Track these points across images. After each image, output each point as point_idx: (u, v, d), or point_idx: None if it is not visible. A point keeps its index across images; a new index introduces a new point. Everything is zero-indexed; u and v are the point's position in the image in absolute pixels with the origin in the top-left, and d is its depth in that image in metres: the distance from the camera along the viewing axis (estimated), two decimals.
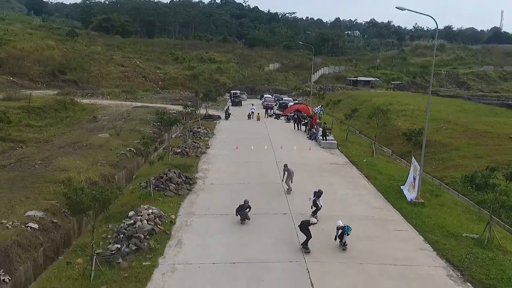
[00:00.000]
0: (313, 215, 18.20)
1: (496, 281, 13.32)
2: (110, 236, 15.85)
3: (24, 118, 35.95)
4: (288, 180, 22.21)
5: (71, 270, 13.65)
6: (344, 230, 15.65)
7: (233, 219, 18.00)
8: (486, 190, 16.26)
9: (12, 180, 20.80)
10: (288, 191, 21.86)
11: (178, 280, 13.25)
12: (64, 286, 12.64)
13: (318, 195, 18.64)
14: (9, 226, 15.82)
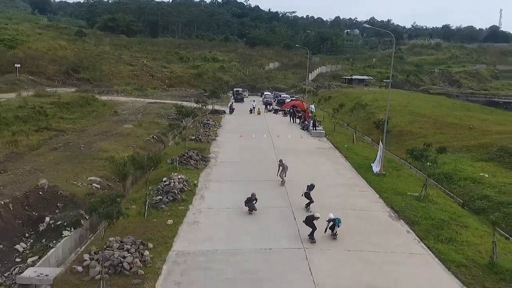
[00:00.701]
0: (306, 207, 20.73)
1: (420, 219, 19.82)
2: (152, 193, 22.30)
3: (57, 112, 42.52)
4: (282, 173, 24.88)
5: (129, 212, 20.14)
6: (335, 222, 17.45)
7: (239, 184, 24.57)
8: (421, 159, 22.79)
9: (68, 157, 27.34)
10: (282, 183, 24.65)
11: (204, 216, 19.82)
12: (128, 220, 19.07)
13: (311, 188, 20.81)
14: (80, 185, 22.41)
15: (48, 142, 32.31)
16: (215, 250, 16.47)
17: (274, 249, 16.54)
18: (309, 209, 20.47)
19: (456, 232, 18.40)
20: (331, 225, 17.49)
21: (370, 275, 14.72)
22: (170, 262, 15.53)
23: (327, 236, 17.70)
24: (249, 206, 20.33)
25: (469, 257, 16.24)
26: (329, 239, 17.66)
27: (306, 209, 20.66)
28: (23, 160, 27.11)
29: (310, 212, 19.45)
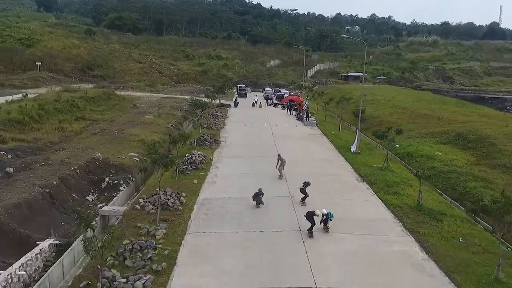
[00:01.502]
0: (302, 201, 22.97)
1: (377, 181, 27.41)
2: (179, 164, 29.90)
3: (87, 105, 50.18)
4: (280, 167, 27.30)
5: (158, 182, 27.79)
6: (327, 217, 19.46)
7: (244, 159, 32.23)
8: (383, 139, 30.44)
9: (108, 140, 34.97)
10: (280, 177, 27.37)
11: (219, 179, 27.53)
12: (163, 181, 26.65)
13: (306, 185, 23.03)
14: (124, 158, 30.09)
15: (87, 129, 40.05)
16: (228, 197, 24.18)
17: (268, 196, 24.14)
18: (305, 203, 22.88)
19: (402, 189, 26.04)
20: (324, 219, 19.56)
21: (338, 210, 22.24)
22: (199, 203, 23.24)
23: None
24: (256, 200, 22.53)
25: (405, 203, 23.88)
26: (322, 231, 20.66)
27: (302, 203, 22.96)
28: (72, 142, 34.83)
29: (305, 205, 22.51)
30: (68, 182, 25.48)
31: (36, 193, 22.66)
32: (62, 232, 21.03)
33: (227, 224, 20.68)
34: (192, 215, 21.75)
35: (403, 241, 19.54)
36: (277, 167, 27.72)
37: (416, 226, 20.87)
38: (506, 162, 30.60)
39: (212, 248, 18.20)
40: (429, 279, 16.43)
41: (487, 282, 16.04)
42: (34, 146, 32.19)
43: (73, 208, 22.64)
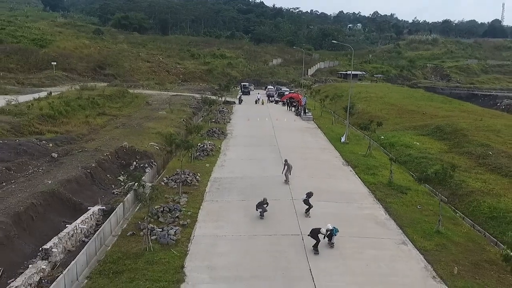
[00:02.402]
0: (306, 212, 23.14)
1: (360, 164, 33.17)
2: (193, 151, 35.73)
3: (105, 102, 56.03)
4: (287, 172, 28.03)
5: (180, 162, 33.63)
6: (332, 232, 19.44)
7: (248, 148, 38.03)
8: (366, 130, 36.18)
9: (130, 132, 40.79)
10: (285, 182, 28.21)
11: (227, 163, 33.39)
12: (185, 165, 32.38)
13: (309, 195, 23.11)
14: (146, 146, 35.94)
15: (109, 123, 45.95)
16: (235, 177, 30.01)
17: (268, 175, 29.91)
18: (309, 214, 23.08)
19: (379, 171, 31.78)
20: (329, 234, 19.52)
21: (324, 185, 27.96)
22: (211, 181, 29.10)
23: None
24: (261, 209, 22.72)
25: (379, 181, 29.63)
26: None
27: (306, 214, 23.10)
28: (99, 133, 40.71)
29: (309, 216, 22.93)
30: (103, 165, 31.33)
31: (80, 172, 28.48)
32: (103, 202, 26.86)
33: (234, 195, 26.53)
34: (206, 189, 27.59)
35: (372, 207, 25.33)
36: (284, 172, 28.44)
37: (385, 197, 26.65)
38: (472, 149, 36.27)
39: (223, 210, 24.05)
40: (387, 231, 22.20)
41: (430, 233, 21.76)
42: (69, 137, 38.12)
43: (127, 172, 28.40)
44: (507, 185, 28.52)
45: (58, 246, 19.75)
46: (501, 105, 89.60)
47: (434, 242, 20.76)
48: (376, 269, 18.18)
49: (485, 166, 32.68)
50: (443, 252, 19.79)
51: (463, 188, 28.18)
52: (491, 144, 36.91)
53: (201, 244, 20.06)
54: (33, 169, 29.40)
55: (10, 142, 33.08)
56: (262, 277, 17.26)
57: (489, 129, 41.90)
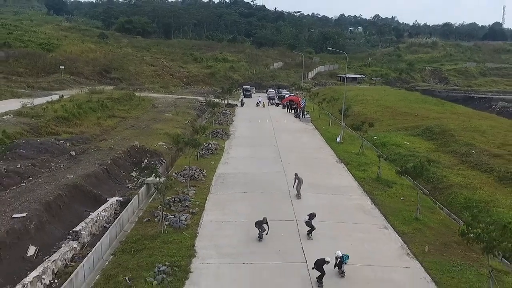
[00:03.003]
0: (308, 234, 22.01)
1: (352, 162, 36.43)
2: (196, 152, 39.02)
3: (114, 105, 59.35)
4: (298, 186, 27.63)
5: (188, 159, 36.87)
6: (342, 260, 18.10)
7: (249, 147, 41.29)
8: (358, 130, 39.42)
9: (139, 133, 44.06)
10: (297, 196, 27.74)
11: (230, 160, 36.71)
12: (192, 162, 35.56)
13: (312, 217, 21.90)
14: (156, 145, 39.23)
15: (119, 124, 49.29)
16: (238, 172, 33.28)
17: (267, 172, 33.10)
18: (311, 236, 22.05)
19: (369, 167, 35.00)
20: (338, 262, 18.10)
21: (318, 180, 31.15)
22: (216, 176, 32.36)
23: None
24: (260, 229, 21.73)
25: (369, 176, 32.85)
26: None
27: (308, 236, 22.02)
28: (110, 134, 44.01)
29: (311, 238, 21.89)
30: (117, 162, 34.62)
31: (97, 168, 31.74)
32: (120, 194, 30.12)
33: (237, 188, 29.79)
34: (212, 183, 30.86)
35: (360, 198, 28.56)
36: (295, 186, 27.93)
37: (372, 190, 29.87)
38: (457, 148, 39.48)
39: (228, 201, 27.32)
40: (372, 218, 25.41)
41: (409, 220, 24.94)
42: (84, 137, 41.45)
43: (145, 165, 31.73)
44: (485, 180, 31.74)
45: (85, 229, 23.04)
46: (496, 107, 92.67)
47: (412, 227, 23.95)
48: (360, 248, 21.36)
49: (467, 163, 35.88)
50: (418, 235, 22.98)
51: (444, 182, 31.41)
52: (475, 144, 40.11)
53: (209, 228, 23.30)
54: (55, 165, 32.75)
55: (32, 142, 36.44)
56: (259, 252, 20.50)
57: (475, 130, 45.10)
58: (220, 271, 18.97)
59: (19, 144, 35.60)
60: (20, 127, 40.38)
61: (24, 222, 21.68)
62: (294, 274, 18.89)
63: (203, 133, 36.74)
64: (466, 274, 19.06)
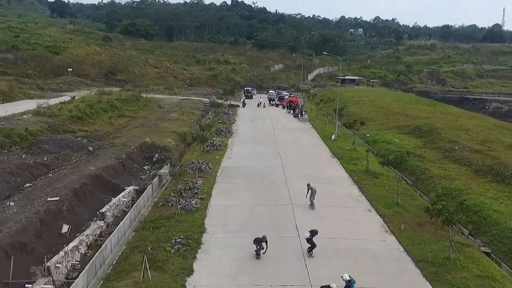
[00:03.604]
0: (309, 251, 21.43)
1: (344, 156, 40.34)
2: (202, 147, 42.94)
3: (122, 105, 63.28)
4: (311, 197, 27.63)
5: (196, 153, 40.72)
6: (350, 283, 17.80)
7: (250, 144, 45.19)
8: (351, 128, 43.32)
9: (149, 131, 47.95)
10: (311, 207, 27.73)
11: (234, 155, 40.67)
12: (195, 156, 39.51)
13: (313, 234, 21.27)
14: (165, 142, 43.12)
15: (129, 123, 53.23)
16: (240, 166, 37.17)
17: (267, 165, 36.95)
18: (312, 254, 21.51)
19: (360, 161, 38.83)
20: (345, 286, 17.88)
21: (313, 172, 34.95)
22: (221, 169, 36.25)
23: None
24: (258, 246, 21.02)
25: (358, 169, 36.71)
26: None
27: (309, 254, 21.50)
28: (122, 132, 47.93)
29: (312, 256, 21.38)
30: (131, 156, 38.50)
31: (114, 162, 35.61)
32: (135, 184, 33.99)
33: (240, 178, 33.67)
34: (217, 174, 34.75)
35: (350, 187, 32.43)
36: (307, 197, 27.91)
37: (361, 180, 33.73)
38: (442, 145, 43.31)
39: (231, 189, 31.20)
40: (358, 203, 29.26)
41: (391, 204, 28.74)
42: (98, 134, 45.41)
43: (163, 156, 35.73)
44: (463, 172, 35.56)
45: (109, 211, 26.94)
46: (489, 108, 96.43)
47: (392, 210, 27.78)
48: (345, 225, 25.22)
49: (449, 158, 39.73)
50: (397, 217, 26.80)
51: (425, 174, 35.27)
52: (459, 141, 43.93)
53: (216, 211, 27.17)
54: (76, 159, 36.70)
55: (54, 138, 40.43)
56: (259, 228, 24.31)
57: (461, 128, 48.95)
58: (227, 242, 22.84)
59: (42, 140, 39.57)
60: (40, 125, 44.29)
61: (57, 205, 25.51)
62: (290, 243, 22.75)
63: (208, 130, 40.57)
64: (433, 246, 22.86)
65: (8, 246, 20.43)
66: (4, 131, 38.76)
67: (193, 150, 41.97)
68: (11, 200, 25.81)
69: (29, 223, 22.61)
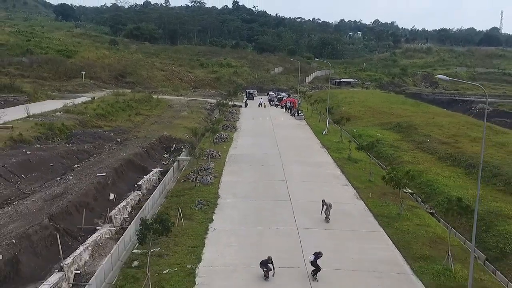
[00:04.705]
0: (313, 274, 21.11)
1: (332, 147, 48.81)
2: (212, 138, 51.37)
3: (137, 105, 71.67)
4: (327, 211, 28.27)
5: (208, 142, 49.08)
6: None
7: (253, 137, 53.65)
8: (339, 123, 51.75)
9: (164, 126, 56.35)
10: (326, 220, 28.25)
11: (239, 146, 49.20)
12: (207, 146, 47.81)
13: (318, 256, 21.07)
14: (180, 135, 51.51)
15: (146, 120, 61.65)
16: (245, 154, 45.64)
17: (267, 153, 45.33)
18: (316, 277, 21.17)
19: (344, 151, 47.19)
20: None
21: (305, 159, 43.31)
22: (229, 156, 44.75)
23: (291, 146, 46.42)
24: (265, 268, 20.90)
25: (342, 156, 45.13)
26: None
27: (314, 277, 21.17)
28: (141, 127, 56.32)
29: (317, 280, 20.98)
30: (153, 146, 46.87)
31: (140, 150, 43.97)
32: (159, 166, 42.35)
33: (244, 163, 42.09)
34: (226, 160, 43.18)
35: (333, 169, 40.85)
36: (323, 212, 28.59)
37: (343, 164, 42.16)
38: (416, 138, 51.70)
39: (238, 170, 39.61)
40: (338, 180, 37.67)
41: (364, 181, 37.09)
42: (122, 129, 53.84)
43: (179, 146, 44.25)
44: (429, 159, 43.93)
45: (143, 184, 35.30)
46: (475, 109, 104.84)
47: (364, 185, 36.16)
48: (327, 195, 33.36)
49: (420, 149, 48.11)
50: (367, 189, 35.16)
51: (397, 160, 43.70)
52: (432, 135, 52.30)
53: (226, 184, 35.56)
54: (108, 148, 45.12)
55: (87, 131, 48.95)
56: (260, 197, 32.66)
57: (436, 125, 57.34)
58: (236, 204, 31.22)
59: (78, 133, 48.05)
60: (72, 121, 52.70)
61: (104, 179, 33.88)
62: (284, 205, 31.11)
63: (217, 124, 49.03)
64: (390, 207, 31.21)
65: (78, 204, 28.81)
66: (46, 125, 47.17)
67: (204, 142, 50.32)
68: (69, 176, 34.26)
69: (88, 190, 31.02)
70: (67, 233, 26.10)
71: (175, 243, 24.71)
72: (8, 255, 21.39)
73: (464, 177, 37.67)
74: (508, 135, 54.40)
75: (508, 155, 43.24)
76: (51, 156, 38.00)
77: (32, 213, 26.33)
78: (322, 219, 28.30)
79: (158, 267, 21.86)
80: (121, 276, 21.66)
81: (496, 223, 27.64)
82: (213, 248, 24.29)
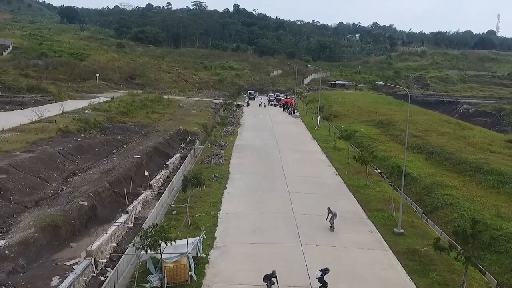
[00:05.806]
0: None
1: (322, 139, 59.73)
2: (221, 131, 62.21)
3: (151, 104, 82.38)
4: (331, 220, 29.94)
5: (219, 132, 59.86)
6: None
7: (255, 131, 64.51)
8: (327, 120, 62.56)
9: (178, 122, 67.07)
10: (331, 229, 29.94)
11: (243, 137, 60.17)
12: (217, 137, 58.61)
13: (325, 273, 21.22)
14: (193, 129, 62.26)
15: (162, 117, 72.41)
16: (248, 144, 56.55)
17: (267, 143, 56.13)
18: None
19: (332, 142, 57.95)
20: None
21: (298, 148, 54.11)
22: (235, 145, 55.69)
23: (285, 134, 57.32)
24: (267, 282, 21.13)
25: (330, 146, 55.98)
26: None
27: None
28: (159, 123, 67.06)
29: None
30: (171, 138, 57.60)
31: (162, 140, 54.65)
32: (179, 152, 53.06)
33: (248, 151, 52.91)
34: (233, 148, 53.99)
35: (320, 155, 51.68)
36: (328, 220, 29.80)
37: (329, 152, 52.99)
38: (393, 132, 62.53)
39: (243, 156, 50.41)
40: (323, 163, 48.53)
41: (343, 163, 47.89)
42: (143, 124, 64.59)
43: (193, 138, 55.24)
44: (399, 148, 54.67)
45: (170, 164, 46.06)
46: (459, 109, 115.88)
47: (343, 166, 46.99)
48: (314, 172, 44.22)
49: (395, 141, 58.92)
50: (345, 168, 45.95)
51: (373, 149, 54.35)
52: None
53: (235, 165, 46.37)
54: (136, 138, 55.85)
55: (116, 125, 59.74)
56: (261, 172, 43.31)
57: (412, 122, 67.96)
58: (243, 178, 42.05)
59: (109, 126, 58.81)
60: (101, 117, 63.41)
61: (140, 159, 44.63)
62: (279, 181, 41.80)
63: (225, 120, 59.87)
64: (360, 181, 41.94)
65: (124, 175, 39.52)
66: (83, 120, 57.93)
67: (213, 135, 61.11)
68: (112, 157, 45.05)
69: (130, 166, 41.76)
70: (120, 195, 36.88)
71: (201, 200, 35.51)
72: (89, 204, 32.13)
73: (423, 161, 48.50)
74: (472, 130, 65.40)
75: (465, 146, 54.22)
76: (95, 143, 48.86)
77: (94, 180, 37.08)
78: (309, 190, 38.99)
79: (191, 213, 32.58)
80: (166, 219, 32.37)
81: (435, 190, 38.40)
82: (228, 203, 35.08)
